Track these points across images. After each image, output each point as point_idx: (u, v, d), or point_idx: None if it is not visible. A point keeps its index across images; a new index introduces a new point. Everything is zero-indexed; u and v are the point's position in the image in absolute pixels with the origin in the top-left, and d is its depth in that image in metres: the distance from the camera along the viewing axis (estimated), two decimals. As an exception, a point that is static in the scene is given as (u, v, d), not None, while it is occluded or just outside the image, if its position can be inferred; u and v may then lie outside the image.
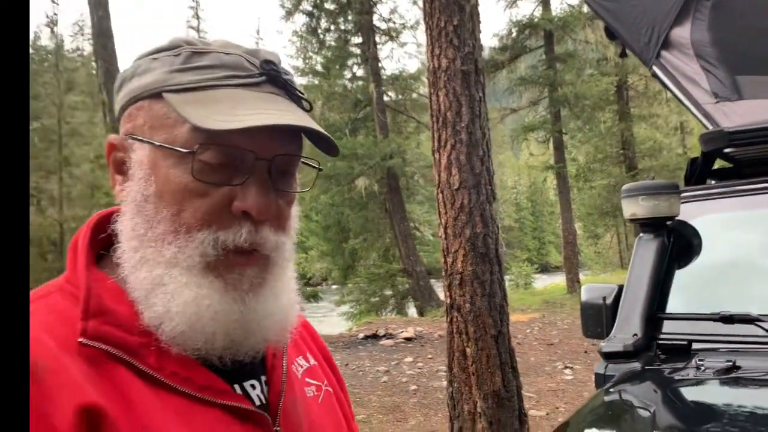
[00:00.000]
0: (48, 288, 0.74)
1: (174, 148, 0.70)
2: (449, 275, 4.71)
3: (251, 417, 0.74)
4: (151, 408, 0.67)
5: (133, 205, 0.73)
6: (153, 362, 0.69)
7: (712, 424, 1.59)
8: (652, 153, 16.28)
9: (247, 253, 0.72)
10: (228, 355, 0.73)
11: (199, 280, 0.70)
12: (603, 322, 2.44)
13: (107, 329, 0.68)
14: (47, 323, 0.68)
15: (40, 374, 0.62)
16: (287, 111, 0.73)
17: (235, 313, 0.71)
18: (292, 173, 0.77)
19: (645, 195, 2.38)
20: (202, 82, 0.71)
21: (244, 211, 0.70)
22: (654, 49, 3.03)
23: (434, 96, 4.85)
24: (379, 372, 8.14)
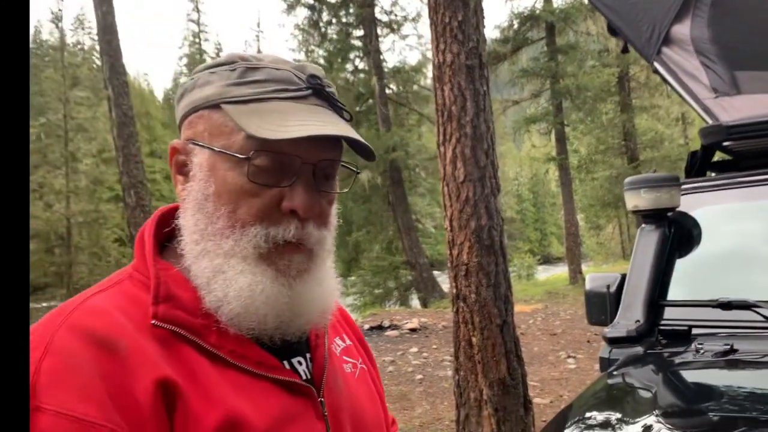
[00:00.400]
0: (119, 276, 0.83)
1: (231, 153, 0.79)
2: (455, 266, 4.80)
3: (299, 389, 0.83)
4: (213, 381, 0.76)
5: (194, 203, 0.82)
6: (214, 341, 0.78)
7: (710, 403, 1.69)
8: (654, 144, 16.34)
9: (294, 245, 0.81)
10: (278, 335, 0.82)
11: (254, 269, 0.79)
12: (607, 310, 2.54)
13: (175, 313, 0.77)
14: (123, 307, 0.76)
15: (124, 352, 0.71)
16: (329, 122, 0.81)
17: (284, 297, 0.80)
18: (334, 176, 0.87)
19: (647, 187, 2.47)
20: (256, 95, 0.80)
21: (292, 209, 0.80)
22: (655, 46, 3.12)
23: (439, 90, 4.93)
24: (385, 362, 8.26)
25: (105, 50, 10.46)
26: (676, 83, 3.09)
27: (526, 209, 63.13)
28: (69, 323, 0.72)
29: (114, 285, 0.81)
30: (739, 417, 1.51)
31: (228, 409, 0.74)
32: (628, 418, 1.64)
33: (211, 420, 0.73)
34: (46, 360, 0.68)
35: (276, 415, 0.78)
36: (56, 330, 0.71)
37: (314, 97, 0.83)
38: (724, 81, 2.95)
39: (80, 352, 0.69)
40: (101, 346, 0.70)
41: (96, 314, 0.74)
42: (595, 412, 1.77)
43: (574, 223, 17.17)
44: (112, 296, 0.78)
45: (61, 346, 0.69)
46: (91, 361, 0.69)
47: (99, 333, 0.71)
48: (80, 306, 0.76)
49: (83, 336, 0.70)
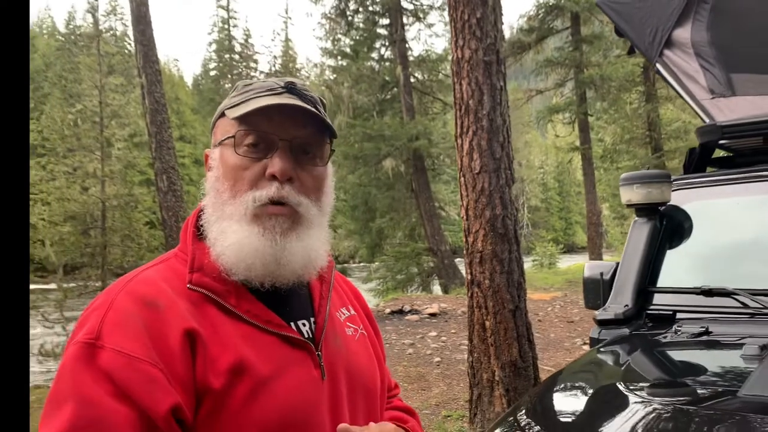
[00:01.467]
0: (167, 255, 1.11)
1: (228, 136, 1.06)
2: (470, 253, 5.03)
3: (299, 344, 1.05)
4: (229, 332, 0.99)
5: (210, 185, 1.08)
6: (233, 302, 1.02)
7: (677, 375, 1.93)
8: (679, 134, 16.24)
9: (278, 204, 1.03)
10: (268, 281, 1.03)
11: (244, 227, 1.02)
12: (601, 295, 2.78)
13: (204, 279, 1.02)
14: (167, 277, 1.03)
15: (162, 309, 0.96)
16: (293, 101, 1.04)
17: (269, 248, 1.02)
18: (313, 153, 1.08)
19: (639, 183, 2.69)
20: (244, 98, 1.06)
21: (272, 174, 1.02)
22: (657, 48, 3.30)
23: (457, 85, 5.13)
24: (405, 345, 8.51)
25: (138, 39, 10.82)
26: (677, 84, 3.28)
27: (551, 198, 62.70)
28: (126, 289, 0.98)
29: (163, 261, 1.08)
30: (701, 387, 1.75)
31: (238, 355, 0.96)
32: (605, 384, 1.89)
33: (224, 362, 0.95)
34: (108, 314, 0.94)
35: (277, 361, 1.00)
36: (117, 294, 0.97)
37: (288, 93, 1.06)
38: (721, 83, 3.12)
39: (132, 309, 0.94)
40: (147, 305, 0.95)
41: (145, 283, 1.00)
42: (580, 377, 2.01)
43: (596, 213, 17.20)
44: (159, 270, 1.05)
45: (119, 305, 0.95)
46: (139, 315, 0.94)
47: (146, 296, 0.97)
48: (135, 277, 1.02)
49: (135, 298, 0.96)
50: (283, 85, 1.07)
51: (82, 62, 14.02)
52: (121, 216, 11.58)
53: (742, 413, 1.42)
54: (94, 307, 0.97)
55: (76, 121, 12.35)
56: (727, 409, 1.49)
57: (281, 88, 1.07)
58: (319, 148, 1.09)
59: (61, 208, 11.00)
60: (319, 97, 1.13)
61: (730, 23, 3.13)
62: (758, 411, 1.39)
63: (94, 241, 10.85)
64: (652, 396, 1.60)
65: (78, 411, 0.86)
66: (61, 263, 10.38)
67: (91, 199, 10.77)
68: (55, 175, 12.47)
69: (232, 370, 0.95)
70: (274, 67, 52.39)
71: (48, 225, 11.42)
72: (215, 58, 58.60)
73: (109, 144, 11.28)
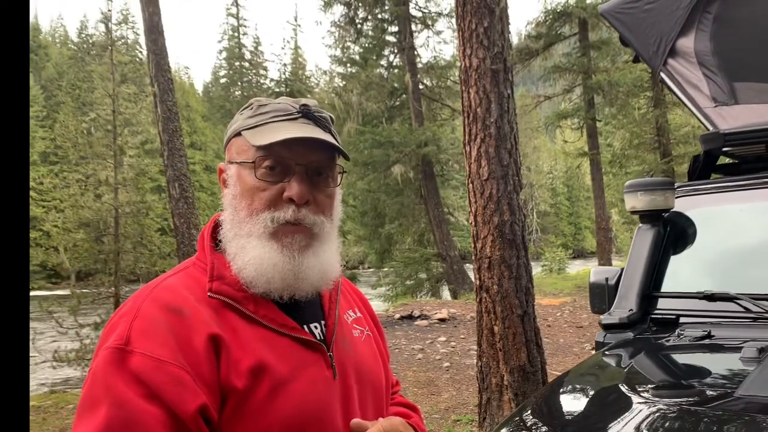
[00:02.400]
0: (186, 264, 1.17)
1: (247, 161, 1.11)
2: (479, 259, 5.09)
3: (313, 346, 1.12)
4: (248, 337, 1.05)
5: (228, 202, 1.14)
6: (251, 308, 1.08)
7: (679, 377, 1.99)
8: (687, 140, 16.23)
9: (294, 225, 1.10)
10: (287, 294, 1.10)
11: (264, 244, 1.09)
12: (606, 300, 2.84)
13: (223, 287, 1.08)
14: (188, 285, 1.08)
15: (187, 315, 1.02)
16: (309, 131, 1.11)
17: (287, 264, 1.08)
18: (327, 174, 1.15)
19: (643, 190, 2.75)
20: (261, 121, 1.12)
21: (290, 197, 1.09)
22: (661, 57, 3.36)
23: (465, 93, 5.21)
24: (415, 350, 8.57)
25: (151, 48, 10.97)
26: (680, 92, 3.34)
27: (560, 203, 62.54)
28: (151, 297, 1.04)
29: (182, 270, 1.14)
30: (701, 389, 1.81)
31: (258, 357, 1.03)
32: (610, 385, 1.96)
33: (245, 364, 1.01)
34: (136, 321, 0.99)
35: (294, 362, 1.07)
36: (143, 301, 1.03)
37: (303, 118, 1.13)
38: (724, 91, 3.18)
39: (158, 315, 1.00)
40: (172, 311, 1.01)
41: (169, 290, 1.06)
42: (585, 380, 2.08)
43: (605, 218, 17.21)
44: (181, 278, 1.11)
45: (145, 311, 1.01)
46: (165, 321, 0.99)
47: (171, 303, 1.03)
48: (159, 285, 1.08)
49: (160, 305, 1.02)
50: (298, 109, 1.13)
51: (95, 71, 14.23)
52: (133, 223, 11.73)
53: (739, 413, 1.48)
54: (122, 314, 1.02)
55: (89, 130, 12.54)
56: (726, 409, 1.55)
57: (297, 112, 1.13)
58: (332, 169, 1.16)
59: (75, 216, 11.14)
60: (329, 115, 1.19)
61: (733, 33, 3.18)
62: (754, 411, 1.45)
63: (107, 248, 10.99)
64: (654, 397, 1.67)
65: (112, 412, 0.91)
66: (74, 270, 10.52)
67: (104, 207, 10.93)
68: (69, 183, 12.63)
69: (253, 371, 1.01)
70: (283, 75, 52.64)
71: (62, 232, 11.56)
72: (225, 66, 59.02)
73: (122, 152, 11.44)
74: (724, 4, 3.17)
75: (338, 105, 17.86)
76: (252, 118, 1.13)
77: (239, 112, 1.18)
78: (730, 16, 3.20)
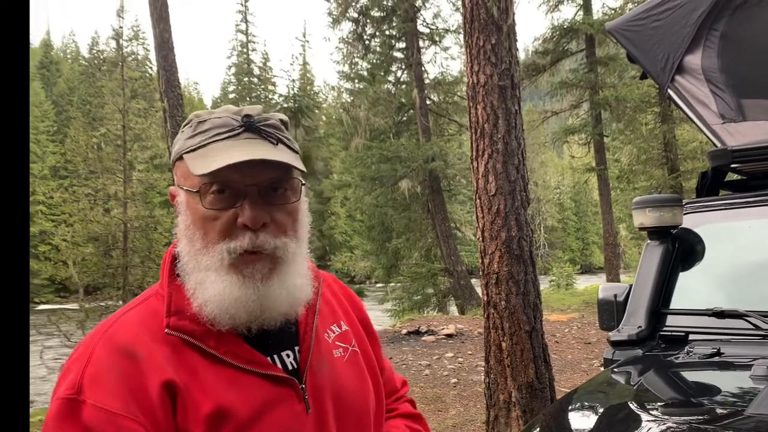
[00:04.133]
0: (148, 293, 1.09)
1: (192, 190, 1.01)
2: (486, 275, 5.09)
3: (283, 381, 1.03)
4: (210, 377, 0.98)
5: (182, 232, 1.05)
6: (213, 344, 1.00)
7: (689, 395, 1.98)
8: (695, 155, 16.20)
9: (254, 253, 1.00)
10: (255, 326, 1.02)
11: (223, 277, 0.99)
12: (615, 316, 2.83)
13: (182, 323, 1.00)
14: (145, 321, 1.01)
15: (141, 359, 0.95)
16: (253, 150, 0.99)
17: (251, 296, 0.99)
18: (284, 189, 1.03)
19: (651, 207, 2.75)
20: (201, 143, 1.01)
21: (244, 224, 0.99)
22: (669, 74, 3.38)
23: (473, 109, 5.23)
24: (422, 366, 8.53)
25: (161, 64, 11.08)
26: (688, 109, 3.35)
27: (567, 218, 62.35)
28: (105, 338, 0.98)
29: (143, 302, 1.07)
30: (711, 407, 1.80)
31: (218, 401, 0.96)
32: (619, 403, 1.95)
33: (204, 410, 0.94)
34: (88, 367, 0.94)
35: (259, 403, 0.99)
36: (96, 344, 0.97)
37: (247, 132, 1.02)
38: (732, 108, 3.19)
39: (110, 360, 0.94)
40: (125, 355, 0.95)
41: (124, 329, 0.99)
42: (594, 397, 2.07)
43: (612, 234, 17.16)
44: (139, 312, 1.04)
45: (98, 356, 0.95)
46: (117, 367, 0.94)
47: (124, 345, 0.96)
48: (115, 323, 1.01)
49: (113, 348, 0.96)
50: (240, 122, 1.02)
51: (106, 86, 14.40)
52: (142, 237, 11.79)
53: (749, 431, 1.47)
54: (75, 358, 0.98)
55: (99, 144, 12.67)
56: (736, 428, 1.54)
57: (239, 126, 1.02)
58: (289, 182, 1.05)
59: (84, 230, 11.21)
60: (279, 118, 1.09)
61: (741, 50, 3.20)
62: (765, 430, 1.44)
63: (116, 262, 11.04)
64: (664, 415, 1.66)
65: None
66: (83, 284, 10.57)
67: (113, 221, 11.00)
68: (78, 197, 12.73)
69: (212, 417, 0.95)
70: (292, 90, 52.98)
71: (71, 246, 11.64)
72: (234, 81, 59.46)
73: (132, 167, 11.54)
74: (731, 22, 3.19)
75: (346, 120, 17.96)
76: (192, 138, 1.03)
77: (181, 129, 1.08)
78: (737, 34, 3.22)
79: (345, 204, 21.30)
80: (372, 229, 20.55)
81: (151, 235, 11.85)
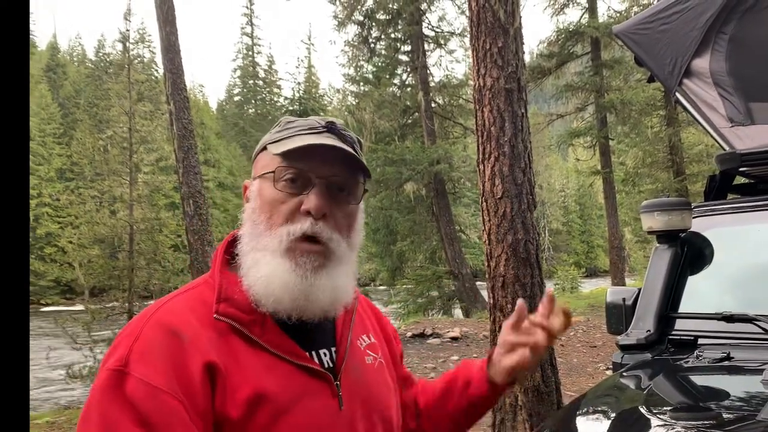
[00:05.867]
0: (197, 282, 1.14)
1: (267, 172, 1.09)
2: (492, 278, 5.08)
3: (319, 374, 1.08)
4: (250, 363, 1.02)
5: (248, 216, 1.11)
6: (258, 333, 1.04)
7: (698, 400, 1.97)
8: (701, 158, 16.16)
9: (311, 239, 1.05)
10: (295, 315, 1.05)
11: (277, 260, 1.05)
12: (623, 320, 2.83)
13: (230, 310, 1.04)
14: (193, 307, 1.05)
15: (186, 340, 0.99)
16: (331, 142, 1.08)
17: (298, 284, 1.04)
18: (348, 191, 1.11)
19: (660, 210, 2.75)
20: (286, 134, 1.11)
21: (307, 210, 1.05)
22: (677, 78, 3.37)
23: (479, 112, 5.23)
24: (427, 368, 8.51)
25: (167, 67, 11.12)
26: (696, 113, 3.34)
27: (572, 221, 62.20)
28: (154, 319, 1.01)
29: (192, 288, 1.11)
30: (722, 412, 1.79)
31: (257, 385, 1.00)
32: (628, 408, 1.95)
33: (243, 393, 0.98)
34: (136, 343, 0.97)
35: (296, 391, 1.03)
36: (146, 323, 1.01)
37: (328, 133, 1.10)
38: (740, 111, 3.18)
39: (158, 339, 0.98)
40: (172, 335, 0.98)
41: (173, 312, 1.03)
42: (603, 401, 2.07)
43: (618, 237, 17.10)
44: (188, 298, 1.08)
45: (146, 334, 0.99)
46: (164, 345, 0.97)
47: (172, 326, 1.00)
48: (164, 305, 1.05)
49: (162, 328, 0.99)
50: (324, 125, 1.11)
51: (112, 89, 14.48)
52: (148, 239, 11.83)
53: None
54: (125, 335, 1.01)
55: (105, 147, 12.73)
56: (748, 433, 1.53)
57: (322, 127, 1.11)
58: (354, 186, 1.12)
59: (90, 232, 11.26)
60: (357, 137, 1.17)
61: (749, 53, 3.19)
62: (777, 434, 1.44)
63: (122, 264, 11.08)
64: (674, 420, 1.65)
65: None
66: (89, 286, 10.61)
67: (119, 223, 11.05)
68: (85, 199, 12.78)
69: (251, 400, 0.99)
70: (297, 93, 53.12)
71: (77, 248, 11.68)
72: (239, 84, 59.67)
73: (138, 169, 11.59)
74: (739, 25, 3.18)
75: (351, 123, 17.97)
76: (278, 132, 1.12)
77: (269, 131, 1.17)
78: (745, 37, 3.21)
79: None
80: (377, 231, 20.55)
81: (156, 237, 11.90)
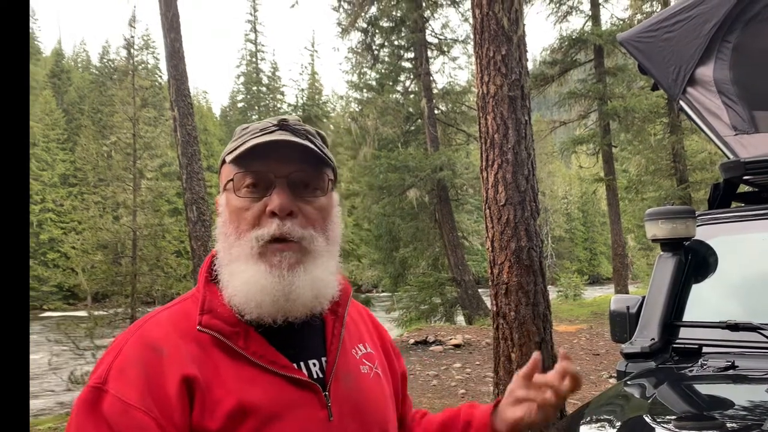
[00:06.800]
0: (185, 296, 1.14)
1: (228, 180, 1.09)
2: (495, 285, 5.07)
3: (306, 385, 1.05)
4: (232, 375, 1.00)
5: (219, 230, 1.11)
6: (241, 344, 1.03)
7: (703, 409, 1.97)
8: (704, 166, 16.14)
9: (281, 240, 1.04)
10: (280, 317, 1.04)
11: (251, 266, 1.04)
12: (627, 329, 2.82)
13: (214, 321, 1.04)
14: (176, 321, 1.05)
15: (165, 355, 0.99)
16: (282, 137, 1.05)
17: (276, 285, 1.03)
18: (314, 186, 1.09)
19: (664, 218, 2.74)
20: (240, 141, 1.08)
21: (272, 211, 1.04)
22: (681, 86, 3.38)
23: (483, 119, 5.24)
24: (429, 376, 8.50)
25: (172, 74, 11.16)
26: (700, 121, 3.34)
27: (575, 228, 62.10)
28: (138, 334, 1.02)
29: (177, 304, 1.12)
30: (727, 421, 1.78)
31: (240, 398, 0.98)
32: (632, 417, 1.94)
33: (226, 406, 0.97)
34: (117, 360, 0.98)
35: (281, 402, 1.01)
36: (129, 338, 1.02)
37: (281, 130, 1.07)
38: (744, 120, 3.18)
39: (136, 354, 0.98)
40: (151, 350, 0.99)
41: (157, 326, 1.03)
42: (608, 410, 2.06)
43: (621, 244, 17.08)
44: (171, 314, 1.08)
45: (126, 350, 1.00)
46: (142, 361, 0.97)
47: (151, 341, 1.00)
48: (147, 322, 1.06)
49: (141, 344, 1.00)
50: (275, 123, 1.09)
51: (116, 95, 14.53)
52: (151, 245, 11.84)
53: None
54: (108, 351, 1.02)
55: (109, 153, 12.77)
56: (753, 443, 1.53)
57: (274, 126, 1.08)
58: (318, 180, 1.10)
59: (94, 237, 11.27)
60: (317, 130, 1.14)
61: (753, 62, 3.20)
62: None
63: (125, 270, 11.09)
64: (678, 429, 1.65)
65: None
66: (92, 291, 10.62)
67: (122, 229, 11.07)
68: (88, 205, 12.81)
69: (233, 413, 0.97)
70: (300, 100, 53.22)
71: (80, 253, 11.70)
72: (243, 90, 59.83)
73: (141, 175, 11.62)
74: (743, 34, 3.19)
75: (354, 130, 18.00)
76: (234, 141, 1.11)
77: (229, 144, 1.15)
78: (749, 46, 3.21)
79: (352, 213, 21.25)
80: (379, 238, 20.52)
81: (159, 243, 11.90)
